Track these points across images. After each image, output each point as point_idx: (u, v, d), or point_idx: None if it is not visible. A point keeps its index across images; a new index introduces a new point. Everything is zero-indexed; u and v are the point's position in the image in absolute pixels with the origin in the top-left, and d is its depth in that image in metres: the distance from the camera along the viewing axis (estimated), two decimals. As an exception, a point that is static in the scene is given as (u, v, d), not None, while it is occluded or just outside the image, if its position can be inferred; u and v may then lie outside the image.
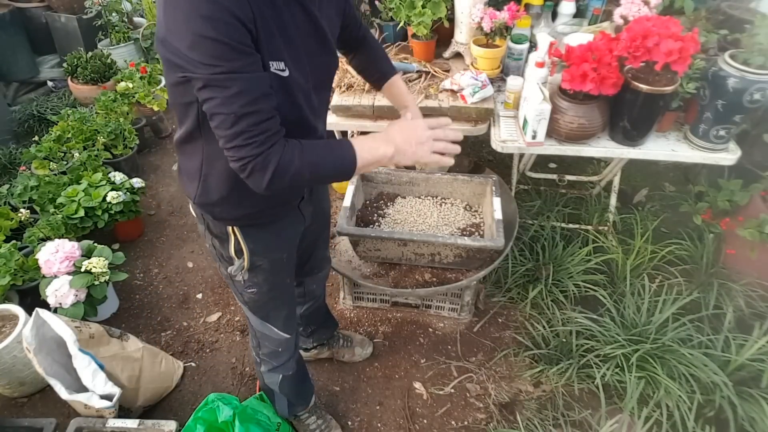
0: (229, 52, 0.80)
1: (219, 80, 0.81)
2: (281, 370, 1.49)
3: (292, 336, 1.43)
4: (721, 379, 1.62)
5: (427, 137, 1.00)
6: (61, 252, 1.89)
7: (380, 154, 0.97)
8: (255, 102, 0.84)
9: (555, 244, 2.18)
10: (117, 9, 3.71)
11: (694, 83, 1.68)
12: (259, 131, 0.86)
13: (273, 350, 1.44)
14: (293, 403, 1.62)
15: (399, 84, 1.35)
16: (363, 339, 1.98)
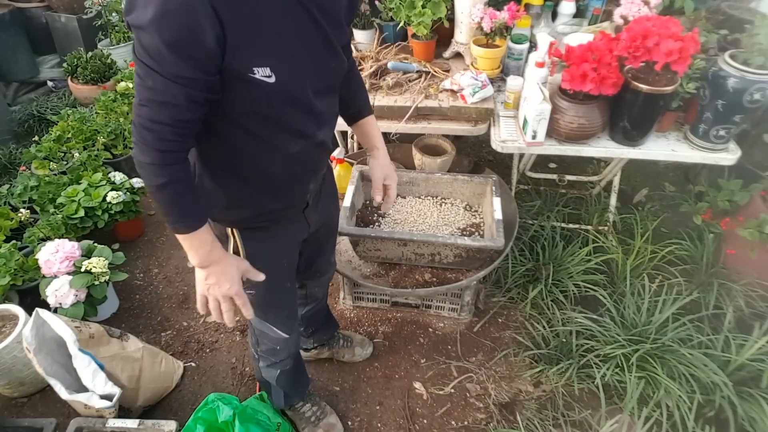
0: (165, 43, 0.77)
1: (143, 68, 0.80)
2: (279, 366, 1.50)
3: (291, 336, 1.43)
4: (721, 379, 1.62)
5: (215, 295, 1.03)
6: (61, 252, 1.89)
7: (192, 256, 0.99)
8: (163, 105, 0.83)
9: (555, 244, 2.18)
10: (117, 9, 3.71)
11: (694, 83, 1.68)
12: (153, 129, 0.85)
13: (271, 348, 1.45)
14: (290, 395, 1.64)
15: (373, 124, 1.31)
16: (363, 339, 1.98)
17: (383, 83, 1.98)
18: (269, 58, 0.87)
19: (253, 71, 0.85)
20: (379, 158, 1.33)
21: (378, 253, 1.87)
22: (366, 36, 2.22)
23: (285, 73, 0.89)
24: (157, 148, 0.87)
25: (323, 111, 1.04)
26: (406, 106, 1.91)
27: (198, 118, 0.89)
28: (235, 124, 0.94)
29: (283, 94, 0.92)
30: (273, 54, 0.87)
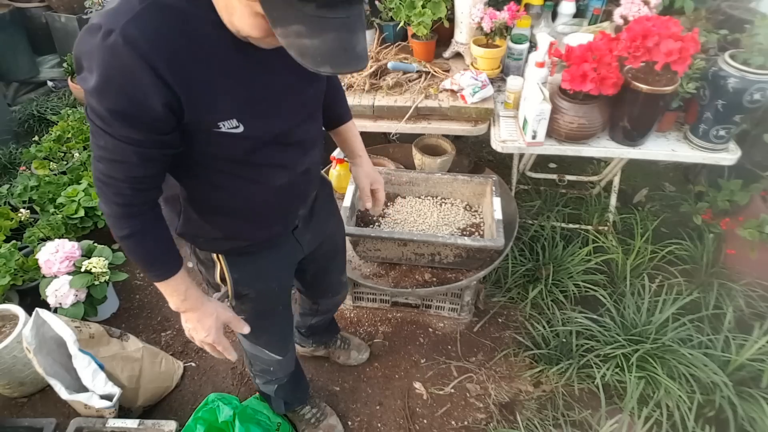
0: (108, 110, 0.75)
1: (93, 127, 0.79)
2: (276, 382, 1.49)
3: (285, 357, 1.39)
4: (721, 379, 1.62)
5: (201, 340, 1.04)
6: (61, 252, 1.89)
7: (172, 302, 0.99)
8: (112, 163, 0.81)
9: (555, 244, 2.18)
10: (117, 9, 3.71)
11: (694, 83, 1.68)
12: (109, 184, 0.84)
13: (265, 368, 1.42)
14: (290, 402, 1.63)
15: (353, 130, 1.27)
16: (361, 344, 1.97)
17: (383, 83, 1.98)
18: (234, 112, 0.83)
19: (218, 125, 0.83)
20: (363, 166, 1.31)
21: (378, 253, 1.87)
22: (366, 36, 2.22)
23: (254, 120, 0.86)
24: (115, 202, 0.86)
25: (305, 139, 1.00)
26: (406, 106, 1.91)
27: (157, 173, 0.86)
28: (213, 167, 0.91)
29: (256, 139, 0.89)
30: (237, 107, 0.84)
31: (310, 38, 0.65)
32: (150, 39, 0.71)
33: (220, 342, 1.05)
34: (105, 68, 0.71)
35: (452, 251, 1.79)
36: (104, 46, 0.69)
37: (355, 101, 1.91)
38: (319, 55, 0.65)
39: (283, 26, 0.65)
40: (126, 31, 0.69)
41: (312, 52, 0.65)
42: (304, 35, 0.65)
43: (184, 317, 1.03)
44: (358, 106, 1.91)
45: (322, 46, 0.65)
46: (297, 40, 0.65)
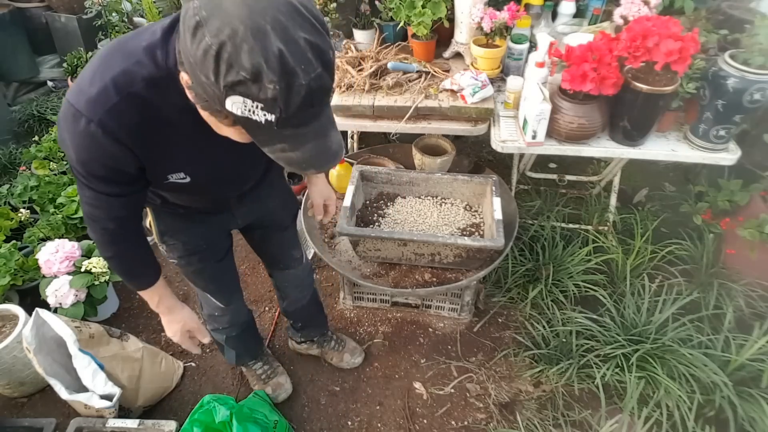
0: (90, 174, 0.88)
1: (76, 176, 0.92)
2: (224, 332, 1.63)
3: (230, 306, 1.53)
4: (721, 379, 1.62)
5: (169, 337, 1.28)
6: (61, 252, 1.89)
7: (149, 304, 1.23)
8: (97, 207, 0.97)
9: (555, 244, 2.18)
10: (117, 9, 3.71)
11: (694, 83, 1.68)
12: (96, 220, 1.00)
13: (211, 314, 1.56)
14: (241, 354, 1.78)
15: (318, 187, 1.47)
16: (356, 348, 1.96)
17: (383, 83, 1.98)
18: (182, 168, 0.97)
19: (167, 177, 0.97)
20: (318, 184, 1.47)
21: (378, 253, 1.87)
22: (366, 36, 2.22)
23: (199, 173, 1.00)
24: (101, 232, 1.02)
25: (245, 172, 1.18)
26: (406, 106, 1.91)
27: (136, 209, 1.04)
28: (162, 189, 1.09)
29: (202, 184, 1.05)
30: (186, 164, 0.97)
31: (293, 151, 0.73)
32: (123, 127, 0.82)
33: (184, 343, 1.29)
34: (87, 150, 0.84)
35: (452, 251, 1.79)
36: (86, 133, 0.81)
37: (355, 101, 1.91)
38: (303, 162, 0.75)
39: (269, 146, 0.74)
40: (104, 122, 0.80)
41: (297, 161, 0.74)
42: (287, 150, 0.73)
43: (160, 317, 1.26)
44: (358, 106, 1.91)
45: (304, 155, 0.74)
46: (282, 154, 0.74)
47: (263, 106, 0.65)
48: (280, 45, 0.63)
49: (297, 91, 0.65)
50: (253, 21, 0.62)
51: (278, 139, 0.71)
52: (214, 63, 0.63)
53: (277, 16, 0.64)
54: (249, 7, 0.63)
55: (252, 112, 0.66)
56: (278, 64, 0.62)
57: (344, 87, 1.96)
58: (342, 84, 1.97)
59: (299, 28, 0.65)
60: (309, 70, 0.65)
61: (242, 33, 0.62)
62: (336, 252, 1.98)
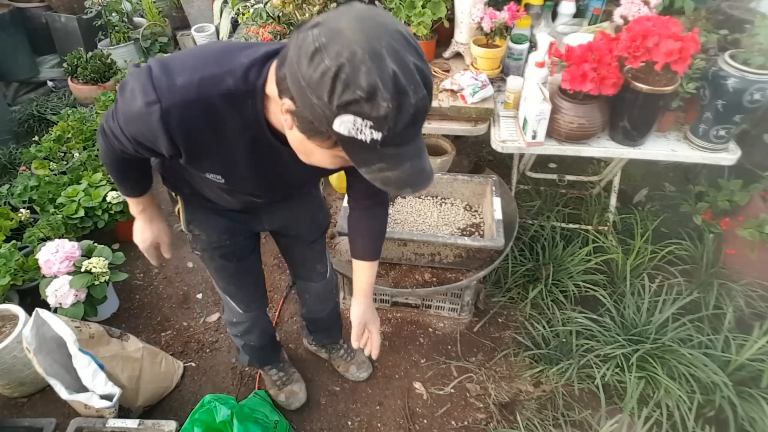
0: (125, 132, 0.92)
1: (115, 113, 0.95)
2: (242, 339, 1.64)
3: (249, 313, 1.53)
4: (721, 379, 1.62)
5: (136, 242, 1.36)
6: (61, 252, 1.89)
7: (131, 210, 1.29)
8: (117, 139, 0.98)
9: (555, 244, 2.18)
10: (117, 9, 3.71)
11: (694, 83, 1.68)
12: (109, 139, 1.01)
13: (230, 319, 1.59)
14: (253, 361, 1.78)
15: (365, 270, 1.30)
16: (364, 362, 1.94)
17: (383, 83, 1.98)
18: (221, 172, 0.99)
19: (205, 174, 1.00)
20: (360, 303, 1.31)
21: (378, 253, 1.87)
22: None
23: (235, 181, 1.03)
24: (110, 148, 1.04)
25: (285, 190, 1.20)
26: (406, 106, 1.91)
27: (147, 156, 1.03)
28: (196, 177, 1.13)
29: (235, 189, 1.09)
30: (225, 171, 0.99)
31: (391, 171, 0.76)
32: (182, 123, 0.85)
33: (148, 252, 1.36)
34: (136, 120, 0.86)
35: (452, 251, 1.79)
36: (145, 110, 0.83)
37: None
38: (400, 182, 0.77)
39: (367, 166, 0.76)
40: (167, 113, 0.82)
41: (394, 181, 0.77)
42: (386, 170, 0.76)
43: (135, 222, 1.32)
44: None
45: (402, 175, 0.77)
46: (380, 174, 0.77)
47: (372, 124, 0.69)
48: (395, 67, 0.67)
49: (406, 110, 0.69)
50: (371, 45, 0.67)
51: (379, 159, 0.74)
52: (330, 83, 0.67)
53: (391, 42, 0.69)
54: (366, 33, 0.68)
55: (359, 131, 0.70)
56: (392, 83, 0.67)
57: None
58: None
59: (408, 54, 0.70)
60: (417, 91, 0.70)
61: (360, 55, 0.66)
62: (336, 252, 1.98)
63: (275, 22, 2.39)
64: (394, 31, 0.71)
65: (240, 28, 2.79)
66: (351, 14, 0.71)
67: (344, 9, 0.72)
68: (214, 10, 3.02)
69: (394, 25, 0.72)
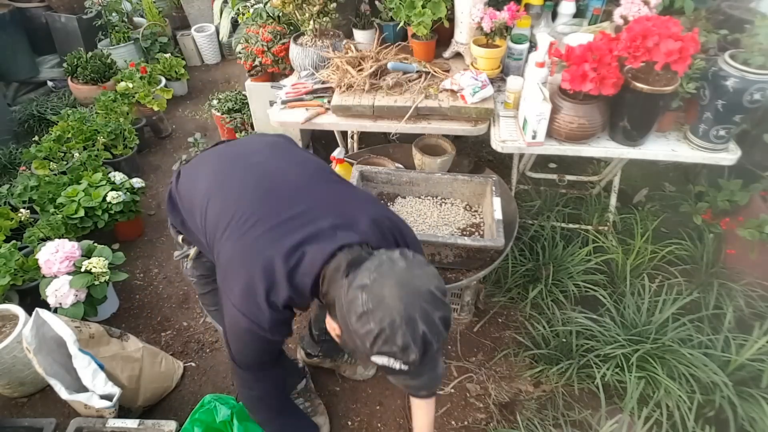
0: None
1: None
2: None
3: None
4: (721, 379, 1.62)
5: None
6: (61, 252, 1.89)
7: None
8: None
9: (555, 244, 2.18)
10: (117, 9, 3.71)
11: (694, 83, 1.68)
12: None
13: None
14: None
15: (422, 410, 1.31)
16: None
17: (383, 83, 1.98)
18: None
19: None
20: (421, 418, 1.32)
21: (378, 253, 1.87)
22: (366, 36, 2.22)
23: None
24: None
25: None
26: (406, 106, 1.91)
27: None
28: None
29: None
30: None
31: (413, 380, 1.04)
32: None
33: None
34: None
35: (452, 251, 1.79)
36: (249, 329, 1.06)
37: (355, 101, 1.91)
38: (417, 388, 1.13)
39: (393, 376, 0.98)
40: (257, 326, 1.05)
41: (413, 386, 1.11)
42: (408, 379, 1.03)
43: None
44: (358, 106, 1.91)
45: (420, 383, 1.10)
46: (403, 382, 1.05)
47: (402, 362, 0.90)
48: (425, 328, 0.88)
49: (429, 353, 0.90)
50: (407, 313, 0.87)
51: (404, 375, 0.94)
52: (373, 339, 0.88)
53: (423, 305, 0.88)
54: (404, 302, 0.87)
55: (392, 365, 0.91)
56: (421, 341, 0.88)
57: (344, 87, 1.96)
58: (342, 84, 1.97)
59: (437, 310, 0.90)
60: (439, 339, 0.92)
61: (398, 322, 0.87)
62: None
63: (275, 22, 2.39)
64: (426, 292, 0.90)
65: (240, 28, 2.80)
66: (393, 280, 0.89)
67: (387, 272, 0.90)
68: (214, 10, 3.02)
69: (427, 287, 0.90)
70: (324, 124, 1.96)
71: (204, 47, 4.14)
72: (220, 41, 4.08)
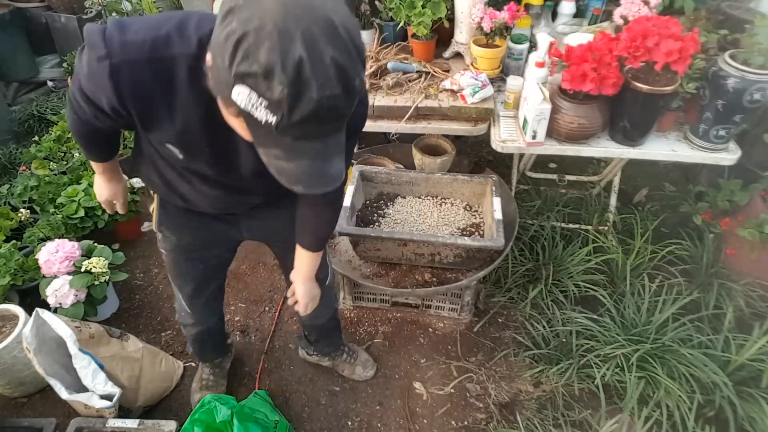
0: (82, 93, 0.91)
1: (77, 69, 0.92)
2: (185, 331, 1.68)
3: (193, 312, 1.54)
4: (721, 379, 1.62)
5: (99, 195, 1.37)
6: (61, 252, 1.89)
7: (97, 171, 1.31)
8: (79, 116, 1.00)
9: (555, 244, 2.18)
10: (117, 9, 3.70)
11: (694, 83, 1.68)
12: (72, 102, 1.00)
13: (178, 311, 1.61)
14: (196, 353, 1.81)
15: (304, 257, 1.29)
16: (368, 360, 1.93)
17: (383, 83, 1.98)
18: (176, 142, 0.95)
19: (165, 145, 0.96)
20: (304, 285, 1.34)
21: (378, 253, 1.87)
22: (366, 36, 2.22)
23: (193, 157, 0.98)
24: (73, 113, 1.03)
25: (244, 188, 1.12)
26: (406, 106, 1.91)
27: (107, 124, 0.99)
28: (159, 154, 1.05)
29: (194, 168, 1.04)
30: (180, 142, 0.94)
31: (287, 162, 0.72)
32: (131, 84, 0.83)
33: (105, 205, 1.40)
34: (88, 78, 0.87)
35: (452, 251, 1.79)
36: (95, 66, 0.82)
37: (355, 101, 1.91)
38: (293, 176, 0.73)
39: (264, 148, 0.73)
40: (116, 70, 0.81)
41: (287, 173, 0.73)
42: (281, 158, 0.72)
43: (95, 178, 1.34)
44: (358, 106, 1.91)
45: (297, 170, 0.72)
46: (275, 161, 0.72)
47: (267, 104, 0.64)
48: (303, 53, 0.62)
49: (305, 103, 0.64)
50: (285, 22, 0.62)
51: (275, 144, 0.71)
52: (232, 48, 0.63)
53: (311, 27, 0.63)
54: (287, 9, 0.63)
55: (255, 108, 0.65)
56: (293, 69, 0.62)
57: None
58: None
59: (331, 46, 0.64)
60: (325, 87, 0.64)
61: (269, 29, 0.62)
62: (336, 252, 1.98)
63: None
64: (323, 18, 0.64)
65: (240, 28, 2.80)
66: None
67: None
68: (214, 11, 3.02)
69: (329, 13, 0.65)
70: (324, 124, 1.96)
71: (204, 47, 4.15)
72: (220, 41, 4.07)
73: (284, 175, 0.74)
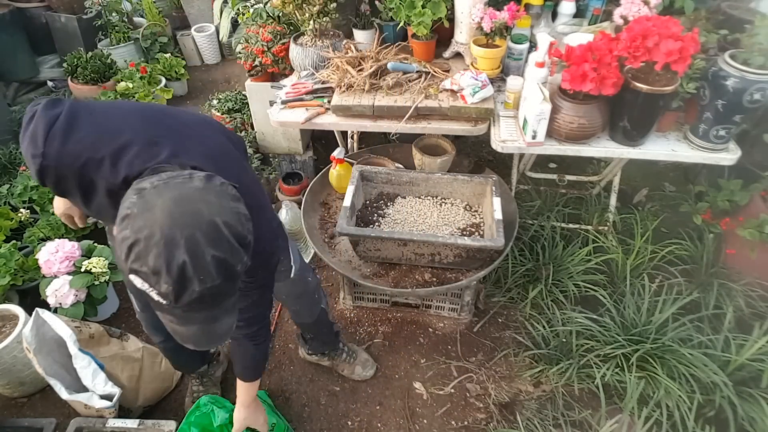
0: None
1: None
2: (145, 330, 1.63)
3: (143, 313, 1.52)
4: (721, 379, 1.62)
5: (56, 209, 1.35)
6: (61, 252, 1.89)
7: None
8: None
9: (555, 244, 2.18)
10: (117, 9, 3.71)
11: (694, 83, 1.68)
12: None
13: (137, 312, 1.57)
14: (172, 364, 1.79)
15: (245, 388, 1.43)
16: (367, 360, 1.94)
17: (383, 83, 1.98)
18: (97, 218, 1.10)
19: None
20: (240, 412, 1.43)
21: (378, 253, 1.87)
22: (366, 36, 2.22)
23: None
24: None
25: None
26: (406, 106, 1.91)
27: None
28: None
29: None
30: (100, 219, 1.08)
31: (179, 326, 0.82)
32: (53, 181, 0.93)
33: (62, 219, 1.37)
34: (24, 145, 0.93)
35: (452, 251, 1.79)
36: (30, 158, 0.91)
37: (355, 101, 1.91)
38: (185, 339, 0.84)
39: (160, 312, 0.81)
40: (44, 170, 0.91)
41: (180, 335, 0.84)
42: (174, 323, 0.81)
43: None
44: (358, 106, 1.91)
45: (187, 333, 0.83)
46: (170, 323, 0.82)
47: (157, 293, 0.74)
48: (186, 258, 0.72)
49: (189, 294, 0.73)
50: (171, 231, 0.72)
51: (169, 313, 0.79)
52: (126, 250, 0.73)
53: (195, 233, 0.73)
54: (173, 219, 0.72)
55: (149, 291, 0.74)
56: (177, 271, 0.72)
57: (344, 87, 1.96)
58: (342, 84, 1.97)
59: (211, 247, 0.74)
60: (206, 281, 0.74)
61: (157, 239, 0.71)
62: (336, 252, 1.98)
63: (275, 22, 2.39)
64: (207, 222, 0.74)
65: (240, 28, 2.80)
66: (175, 193, 0.75)
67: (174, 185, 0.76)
68: (214, 10, 3.01)
69: (212, 217, 0.74)
70: (324, 124, 1.96)
71: (204, 47, 4.14)
72: (220, 41, 4.07)
73: (177, 335, 0.84)
